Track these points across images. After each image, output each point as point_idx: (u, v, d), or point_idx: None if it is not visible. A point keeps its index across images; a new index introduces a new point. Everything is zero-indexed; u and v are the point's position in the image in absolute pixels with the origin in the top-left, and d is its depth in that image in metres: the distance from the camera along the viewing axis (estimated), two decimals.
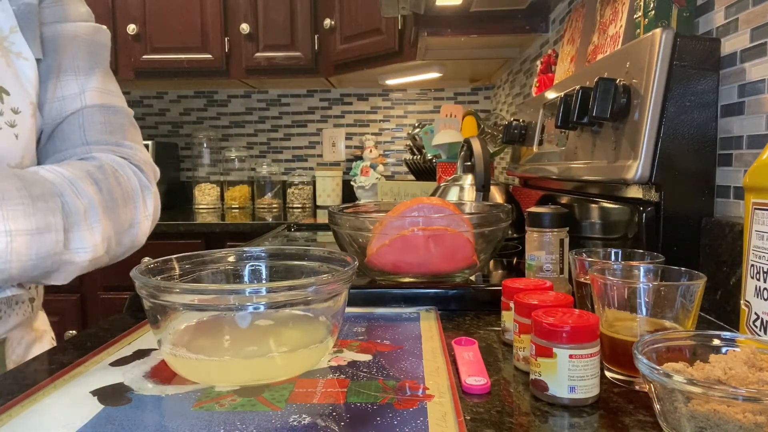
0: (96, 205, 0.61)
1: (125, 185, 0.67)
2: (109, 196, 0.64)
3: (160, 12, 2.22)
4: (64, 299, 1.93)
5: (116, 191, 0.65)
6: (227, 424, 0.42)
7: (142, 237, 0.70)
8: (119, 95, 0.74)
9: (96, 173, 0.64)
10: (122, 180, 0.67)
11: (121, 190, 0.66)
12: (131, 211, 0.67)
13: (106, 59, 0.74)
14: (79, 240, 0.59)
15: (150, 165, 0.74)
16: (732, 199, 0.68)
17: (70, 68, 0.69)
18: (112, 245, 0.65)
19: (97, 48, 0.72)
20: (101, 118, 0.70)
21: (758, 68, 0.64)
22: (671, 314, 0.48)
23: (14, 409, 0.45)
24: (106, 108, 0.71)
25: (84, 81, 0.69)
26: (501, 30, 1.58)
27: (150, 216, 0.71)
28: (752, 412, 0.33)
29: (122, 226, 0.66)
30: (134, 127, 0.75)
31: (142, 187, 0.70)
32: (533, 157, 1.23)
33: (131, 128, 0.74)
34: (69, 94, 0.68)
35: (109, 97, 0.71)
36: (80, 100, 0.68)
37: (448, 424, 0.41)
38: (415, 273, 0.77)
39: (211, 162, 2.61)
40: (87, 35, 0.70)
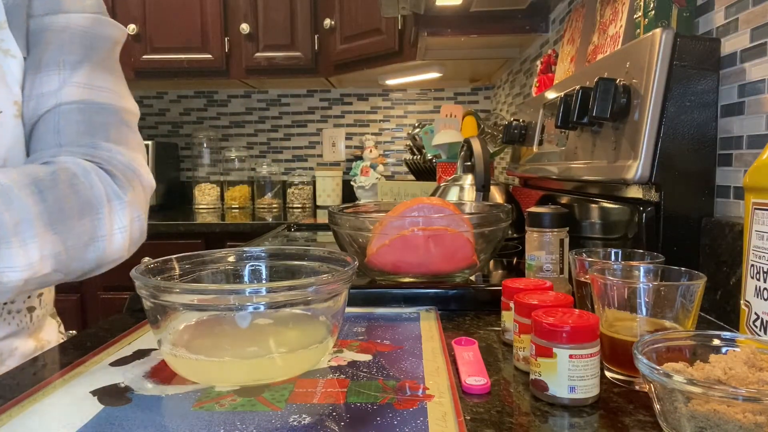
0: (33, 218, 0.54)
1: (84, 194, 0.59)
2: (56, 207, 0.57)
3: (160, 12, 2.22)
4: (64, 299, 1.93)
5: (68, 201, 0.58)
6: (227, 424, 0.42)
7: (116, 252, 0.63)
8: (113, 91, 0.67)
9: (44, 181, 0.57)
10: (81, 188, 0.59)
11: (76, 199, 0.59)
12: (91, 223, 0.60)
13: (106, 51, 0.67)
14: (6, 258, 0.53)
15: (132, 171, 0.66)
16: (732, 199, 0.68)
17: (54, 62, 0.63)
18: (64, 262, 0.58)
19: (95, 41, 0.66)
20: (79, 116, 0.63)
21: (758, 68, 0.64)
22: (671, 314, 0.48)
23: (14, 409, 0.45)
24: (87, 105, 0.64)
25: (67, 76, 0.63)
26: (501, 30, 1.58)
27: (125, 229, 0.63)
28: (752, 412, 0.33)
29: (79, 240, 0.59)
30: (125, 126, 0.67)
31: (110, 196, 0.62)
32: (533, 157, 1.23)
33: (119, 128, 0.66)
34: (47, 90, 0.62)
35: (94, 92, 0.64)
36: (56, 97, 0.62)
37: (448, 424, 0.41)
38: (415, 273, 0.77)
39: (211, 162, 2.61)
40: (82, 27, 0.65)
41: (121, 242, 0.63)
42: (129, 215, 0.64)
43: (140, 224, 0.66)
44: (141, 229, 0.66)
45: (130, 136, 0.68)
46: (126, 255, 0.65)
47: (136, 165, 0.66)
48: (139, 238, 0.67)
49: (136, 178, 0.66)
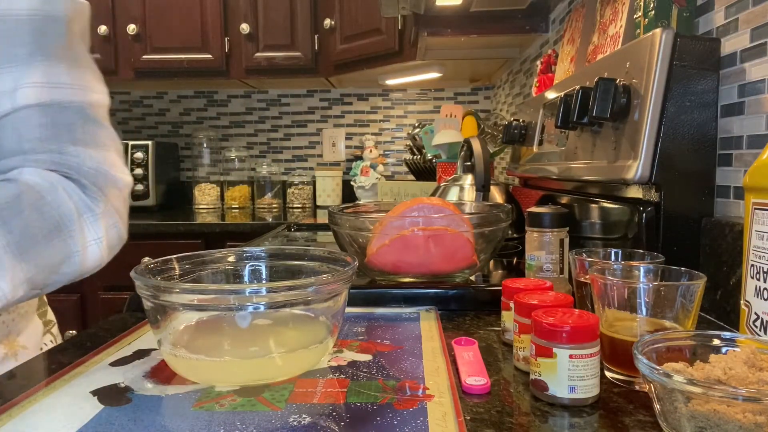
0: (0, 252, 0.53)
1: (52, 216, 0.57)
2: (24, 234, 0.55)
3: (160, 12, 2.22)
4: (64, 299, 1.93)
5: (35, 227, 0.55)
6: (227, 424, 0.42)
7: (92, 263, 0.61)
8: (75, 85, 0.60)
9: (8, 209, 0.54)
10: (47, 209, 0.56)
11: (44, 222, 0.56)
12: (62, 242, 0.58)
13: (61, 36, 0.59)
14: None
15: (104, 175, 0.62)
16: (732, 199, 0.68)
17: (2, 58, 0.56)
18: (38, 283, 0.57)
19: (45, 25, 0.58)
20: (41, 119, 0.58)
21: (758, 68, 0.64)
22: (671, 314, 0.48)
23: (14, 409, 0.45)
24: (48, 106, 0.58)
25: (20, 74, 0.56)
26: (501, 30, 1.58)
27: (100, 239, 0.61)
28: (752, 412, 0.33)
29: (50, 261, 0.57)
30: (92, 123, 0.62)
31: (81, 210, 0.59)
32: (533, 157, 1.23)
33: (85, 127, 0.61)
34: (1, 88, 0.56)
35: (54, 91, 0.58)
36: (12, 100, 0.56)
37: (448, 424, 0.41)
38: (415, 273, 0.77)
39: (211, 162, 2.61)
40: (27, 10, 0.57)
41: (97, 253, 0.61)
42: (103, 225, 0.62)
43: (117, 230, 0.64)
44: (118, 235, 0.64)
45: (99, 133, 0.62)
46: (105, 261, 0.64)
47: (107, 167, 0.62)
48: (118, 243, 0.65)
49: (109, 183, 0.62)
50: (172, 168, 2.56)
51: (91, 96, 0.62)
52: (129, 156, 2.25)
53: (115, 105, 2.65)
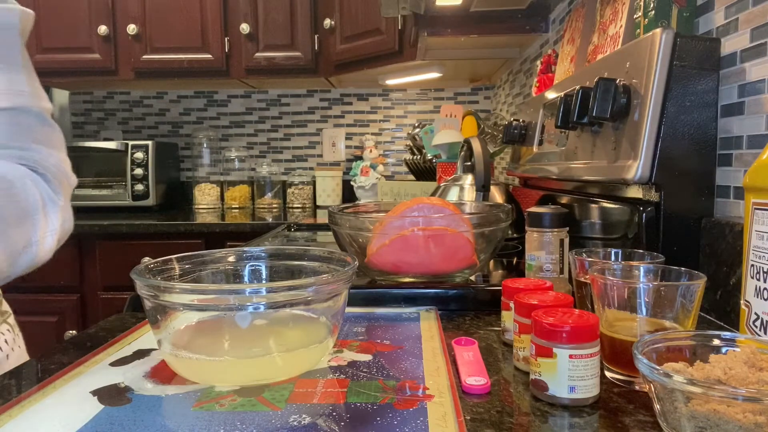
0: None
1: (21, 201, 0.59)
2: None
3: (160, 12, 2.22)
4: (64, 299, 1.93)
5: (6, 210, 0.58)
6: (227, 424, 0.42)
7: (45, 254, 0.63)
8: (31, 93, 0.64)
9: None
10: (18, 196, 0.59)
11: (14, 208, 0.58)
12: (27, 229, 0.60)
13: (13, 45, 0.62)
14: None
15: (63, 173, 0.66)
16: (732, 199, 0.68)
17: None
18: (2, 269, 0.58)
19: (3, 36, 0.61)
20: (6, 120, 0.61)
21: (758, 68, 0.64)
22: (671, 314, 0.48)
23: (14, 409, 0.45)
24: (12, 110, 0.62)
25: None
26: (501, 30, 1.58)
27: (56, 231, 0.63)
28: (752, 412, 0.33)
29: (15, 247, 0.59)
30: (48, 126, 0.66)
31: (45, 200, 0.62)
32: (533, 157, 1.23)
33: (42, 129, 0.65)
34: None
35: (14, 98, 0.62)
36: None
37: (448, 424, 0.41)
38: (415, 273, 0.77)
39: (211, 162, 2.61)
40: None
41: (51, 245, 0.63)
42: (60, 218, 0.64)
43: (69, 225, 0.66)
44: (68, 229, 0.67)
45: (53, 135, 0.67)
46: (49, 257, 0.65)
47: (64, 165, 0.67)
48: (65, 237, 0.67)
49: (66, 179, 0.66)
50: (172, 168, 2.56)
51: (44, 102, 0.67)
52: (129, 156, 2.25)
53: (115, 105, 2.65)
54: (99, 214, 2.10)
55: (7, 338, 0.74)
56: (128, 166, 2.24)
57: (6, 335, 0.74)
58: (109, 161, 2.24)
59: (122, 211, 2.22)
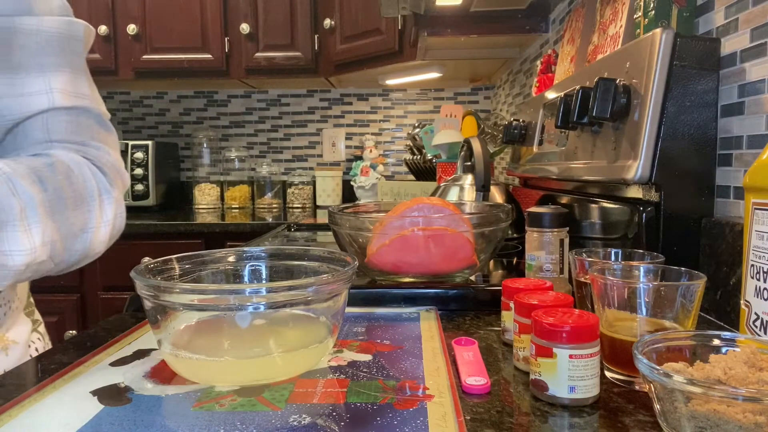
0: (36, 205, 0.57)
1: (78, 186, 0.62)
2: (55, 196, 0.59)
3: (160, 12, 2.22)
4: (64, 299, 1.93)
5: (66, 191, 0.60)
6: (227, 424, 0.42)
7: (99, 245, 0.65)
8: (91, 97, 0.69)
9: (43, 171, 0.59)
10: (75, 180, 0.62)
11: (72, 191, 0.61)
12: (84, 214, 0.62)
13: (80, 55, 0.68)
14: (13, 241, 0.55)
15: (117, 171, 0.69)
16: (732, 199, 0.68)
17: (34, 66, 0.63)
18: (57, 250, 0.60)
19: (70, 43, 0.67)
20: (67, 118, 0.65)
21: (758, 68, 0.64)
22: (671, 314, 0.48)
23: (14, 409, 0.45)
24: (73, 109, 0.66)
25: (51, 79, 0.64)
26: (501, 30, 1.58)
27: (109, 222, 0.66)
28: (752, 412, 0.33)
29: (71, 230, 0.61)
30: (105, 130, 0.70)
31: (101, 190, 0.65)
32: (533, 157, 1.23)
33: (101, 130, 0.69)
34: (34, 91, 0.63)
35: (78, 99, 0.67)
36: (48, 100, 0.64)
37: (448, 424, 0.41)
38: (415, 273, 0.77)
39: (211, 162, 2.61)
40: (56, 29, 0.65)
41: (105, 235, 0.65)
42: (114, 210, 0.67)
43: (121, 221, 0.69)
44: (121, 226, 0.69)
45: (110, 137, 0.70)
46: (104, 250, 0.67)
47: (119, 165, 0.70)
48: (118, 232, 0.69)
49: (120, 177, 0.69)
50: (172, 168, 2.56)
51: (103, 108, 0.71)
52: (129, 156, 2.25)
53: (115, 105, 2.65)
54: None
55: (38, 346, 0.76)
56: (128, 166, 2.24)
57: (37, 344, 0.76)
58: None
59: None
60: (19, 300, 0.73)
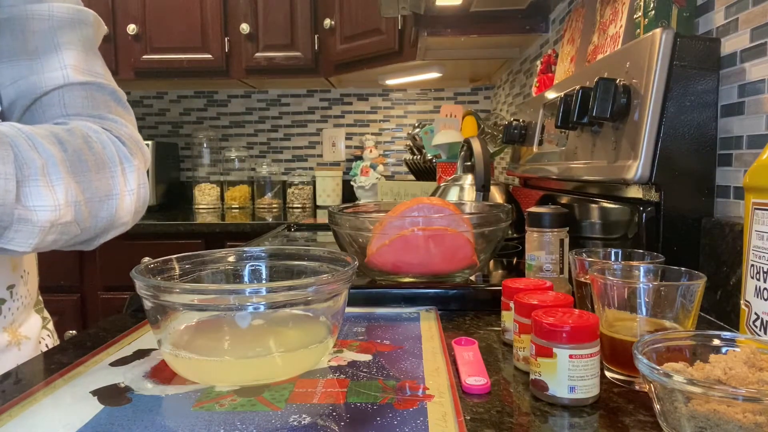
0: (57, 162, 0.56)
1: (98, 151, 0.61)
2: (76, 157, 0.59)
3: (160, 12, 2.22)
4: (64, 299, 1.93)
5: (86, 155, 0.60)
6: (227, 424, 0.42)
7: (125, 214, 0.64)
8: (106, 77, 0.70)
9: (62, 134, 0.59)
10: (95, 146, 0.61)
11: (92, 155, 0.61)
12: (107, 180, 0.62)
13: (91, 38, 0.70)
14: (36, 196, 0.53)
15: (135, 142, 0.68)
16: (732, 199, 0.68)
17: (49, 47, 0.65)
18: (83, 213, 0.59)
19: (81, 27, 0.68)
20: (83, 93, 0.66)
21: (758, 68, 0.64)
22: (671, 314, 0.48)
23: (14, 409, 0.45)
24: (89, 85, 0.67)
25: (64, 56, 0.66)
26: (501, 30, 1.58)
27: (134, 192, 0.65)
28: (752, 412, 0.33)
29: (96, 194, 0.60)
30: (122, 105, 0.71)
31: (122, 158, 0.64)
32: (533, 157, 1.23)
33: (117, 107, 0.70)
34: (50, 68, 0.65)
35: (92, 76, 0.68)
36: (62, 76, 0.65)
37: (448, 424, 0.41)
38: (415, 273, 0.77)
39: (211, 162, 2.61)
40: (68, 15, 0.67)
41: (130, 204, 0.65)
42: (137, 180, 0.66)
43: (144, 192, 0.68)
44: (145, 197, 0.69)
45: (127, 114, 0.71)
46: (131, 221, 0.67)
47: (138, 138, 0.70)
48: (143, 206, 0.69)
49: (139, 148, 0.69)
50: (172, 168, 2.56)
51: (116, 86, 0.71)
52: None
53: None
54: None
55: (48, 343, 0.76)
56: None
57: (47, 340, 0.77)
58: None
59: None
60: (29, 296, 0.73)
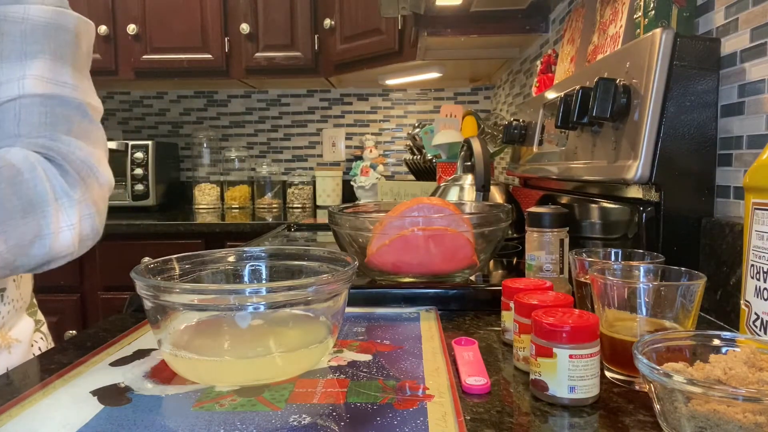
0: None
1: (28, 190, 0.59)
2: None
3: (160, 12, 2.22)
4: (64, 299, 1.93)
5: (9, 201, 0.57)
6: (227, 424, 0.42)
7: (63, 249, 0.62)
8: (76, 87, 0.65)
9: None
10: (24, 187, 0.58)
11: (19, 197, 0.58)
12: (36, 221, 0.59)
13: (69, 45, 0.65)
14: None
15: (89, 168, 0.65)
16: (732, 199, 0.68)
17: (15, 53, 0.61)
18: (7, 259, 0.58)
19: (57, 33, 0.64)
20: (41, 108, 0.62)
21: (758, 68, 0.64)
22: (671, 314, 0.48)
23: (14, 409, 0.45)
24: (50, 98, 0.62)
25: (28, 67, 0.62)
26: (501, 30, 1.58)
27: (73, 226, 0.62)
28: (752, 412, 0.33)
29: (23, 237, 0.58)
30: (88, 121, 0.66)
31: (58, 194, 0.61)
32: (533, 157, 1.23)
33: (81, 122, 0.65)
34: (9, 78, 0.61)
35: (57, 87, 0.63)
36: (18, 87, 0.61)
37: (448, 424, 0.41)
38: (415, 273, 0.77)
39: (211, 162, 2.61)
40: (43, 18, 0.63)
41: (69, 239, 0.62)
42: (78, 213, 0.63)
43: (92, 221, 0.65)
44: (93, 227, 0.65)
45: (92, 131, 0.67)
46: (76, 252, 0.64)
47: (93, 161, 0.66)
48: (92, 234, 0.65)
49: (92, 175, 0.65)
50: (172, 168, 2.56)
51: (90, 100, 0.67)
52: (129, 156, 2.24)
53: (115, 105, 2.65)
54: None
55: (41, 346, 0.75)
56: (128, 166, 2.24)
57: (40, 343, 0.76)
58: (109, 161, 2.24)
59: (122, 211, 2.22)
60: (22, 300, 0.73)
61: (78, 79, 0.66)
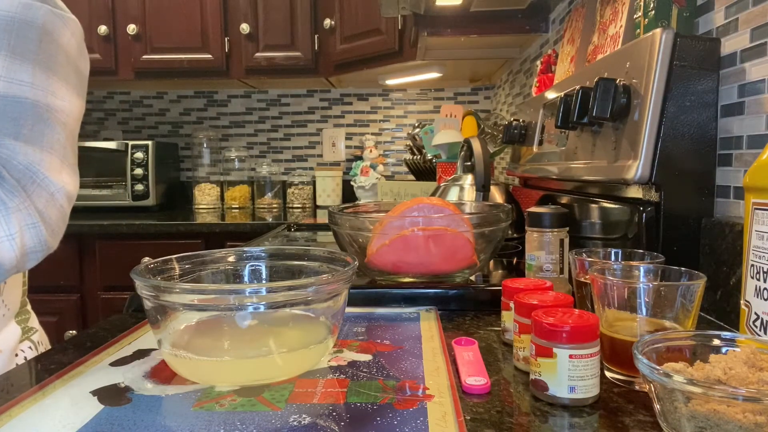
0: None
1: None
2: None
3: (160, 12, 2.22)
4: (64, 299, 1.93)
5: None
6: (227, 424, 0.42)
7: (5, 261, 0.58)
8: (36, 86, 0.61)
9: None
10: None
11: None
12: None
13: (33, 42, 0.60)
14: None
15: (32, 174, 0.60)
16: (732, 199, 0.68)
17: None
18: None
19: (20, 28, 0.59)
20: None
21: (758, 68, 0.64)
22: (671, 314, 0.48)
23: (14, 409, 0.45)
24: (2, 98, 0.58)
25: None
26: (501, 30, 1.58)
27: (13, 236, 0.58)
28: (752, 412, 0.33)
29: None
30: (43, 124, 0.61)
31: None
32: (533, 157, 1.23)
33: (34, 126, 0.60)
34: None
35: (12, 86, 0.59)
36: None
37: (448, 424, 0.41)
38: (415, 273, 0.77)
39: (211, 162, 2.61)
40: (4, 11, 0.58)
41: (9, 250, 0.58)
42: (17, 223, 0.59)
43: (36, 233, 0.60)
44: (39, 239, 0.61)
45: (49, 135, 0.62)
46: (20, 264, 0.60)
47: (42, 169, 0.61)
48: (39, 248, 0.61)
49: (36, 183, 0.61)
50: (172, 168, 2.56)
51: (53, 100, 0.62)
52: (129, 156, 2.24)
53: (115, 105, 2.65)
54: (99, 214, 2.10)
55: (27, 356, 0.73)
56: (128, 166, 2.24)
57: (27, 353, 0.73)
58: (109, 161, 2.24)
59: (122, 211, 2.22)
60: (7, 308, 0.71)
61: (40, 78, 0.61)
